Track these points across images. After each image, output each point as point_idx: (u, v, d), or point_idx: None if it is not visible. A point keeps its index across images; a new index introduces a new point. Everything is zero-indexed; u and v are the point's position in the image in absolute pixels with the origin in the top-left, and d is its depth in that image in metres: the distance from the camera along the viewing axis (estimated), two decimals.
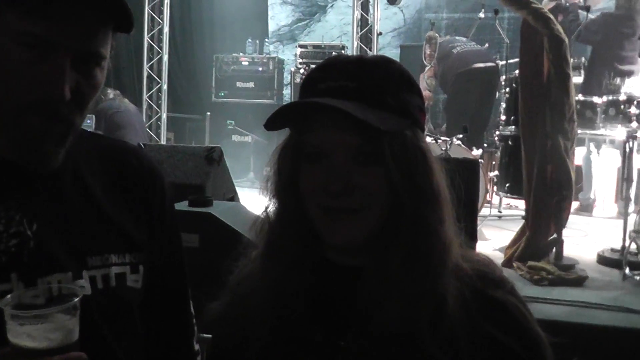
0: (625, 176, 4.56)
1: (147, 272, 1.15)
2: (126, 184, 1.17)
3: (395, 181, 0.97)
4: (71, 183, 1.09)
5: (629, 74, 5.48)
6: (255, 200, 1.40)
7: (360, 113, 0.93)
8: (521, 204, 5.38)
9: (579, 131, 4.55)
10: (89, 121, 7.81)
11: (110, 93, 7.56)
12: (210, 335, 1.16)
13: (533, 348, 1.01)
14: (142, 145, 3.65)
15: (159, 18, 9.37)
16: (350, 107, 0.94)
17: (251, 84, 9.85)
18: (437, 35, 7.30)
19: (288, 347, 1.02)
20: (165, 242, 1.20)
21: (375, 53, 8.84)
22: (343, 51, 9.41)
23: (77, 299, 0.89)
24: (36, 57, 0.96)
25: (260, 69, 9.93)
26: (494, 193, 6.25)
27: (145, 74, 9.52)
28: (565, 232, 4.39)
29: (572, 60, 4.40)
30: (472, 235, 3.19)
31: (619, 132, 4.88)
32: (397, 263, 0.98)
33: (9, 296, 0.89)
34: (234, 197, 3.70)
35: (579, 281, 4.03)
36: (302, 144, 1.02)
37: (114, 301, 1.08)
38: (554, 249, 4.30)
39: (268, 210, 1.10)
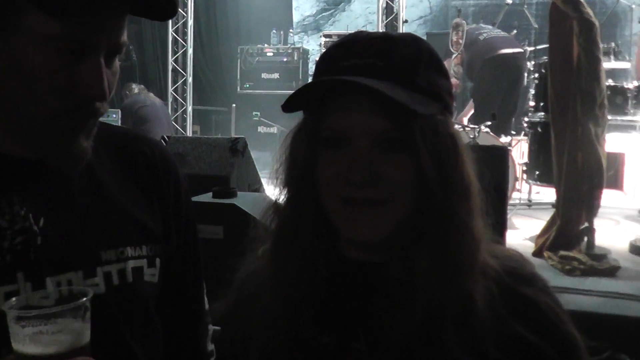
0: None
1: (164, 265, 1.09)
2: (138, 173, 1.10)
3: (425, 171, 0.88)
4: (80, 173, 1.02)
5: None
6: None
7: (393, 93, 0.84)
8: (551, 192, 5.29)
9: (609, 117, 4.44)
10: (114, 116, 7.90)
11: (135, 88, 7.61)
12: (219, 328, 1.12)
13: (568, 351, 0.92)
14: (166, 138, 3.63)
15: (183, 11, 9.38)
16: (382, 86, 0.84)
17: (276, 75, 9.84)
18: (464, 22, 7.19)
19: (296, 352, 0.94)
20: (181, 235, 1.14)
21: None
22: None
23: (85, 299, 0.82)
24: (70, 60, 0.89)
25: (285, 59, 9.92)
26: (524, 181, 6.15)
27: (170, 68, 9.56)
28: (596, 221, 4.30)
29: (602, 45, 4.28)
30: (502, 225, 3.13)
31: None
32: (423, 260, 0.89)
33: (14, 299, 0.82)
34: (259, 189, 3.68)
35: (612, 271, 3.95)
36: (320, 127, 0.93)
37: (132, 298, 1.03)
38: (585, 238, 4.22)
39: (278, 201, 1.00)
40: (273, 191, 1.02)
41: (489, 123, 5.76)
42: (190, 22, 9.49)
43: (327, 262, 0.96)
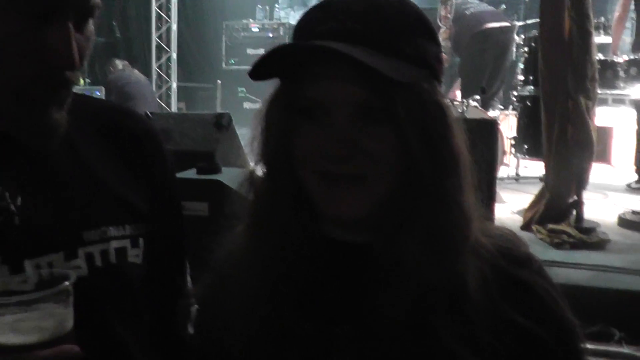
0: None
1: (148, 246, 1.03)
2: (123, 149, 1.04)
3: (410, 143, 0.81)
4: (60, 149, 0.95)
5: None
6: None
7: (370, 59, 0.77)
8: (538, 166, 5.28)
9: (599, 91, 4.42)
10: (97, 92, 7.80)
11: (119, 64, 7.53)
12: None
13: (565, 338, 0.86)
14: (149, 114, 3.56)
15: None
16: (357, 52, 0.77)
17: (262, 51, 9.51)
18: None
19: (276, 339, 0.87)
20: (166, 213, 1.08)
21: None
22: None
23: (68, 283, 0.76)
24: (35, 25, 0.83)
25: (271, 35, 9.82)
26: (512, 155, 6.14)
27: (154, 44, 9.43)
28: (585, 195, 4.29)
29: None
30: (491, 199, 3.10)
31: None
32: (411, 239, 0.83)
33: None
34: (244, 165, 3.62)
35: (601, 244, 3.96)
36: (296, 97, 0.85)
37: (115, 280, 0.97)
38: (574, 212, 4.21)
39: (254, 176, 0.92)
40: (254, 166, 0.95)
41: (478, 97, 5.72)
42: None
43: (308, 242, 0.89)
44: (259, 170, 0.92)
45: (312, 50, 0.81)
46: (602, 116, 6.08)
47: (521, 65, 5.64)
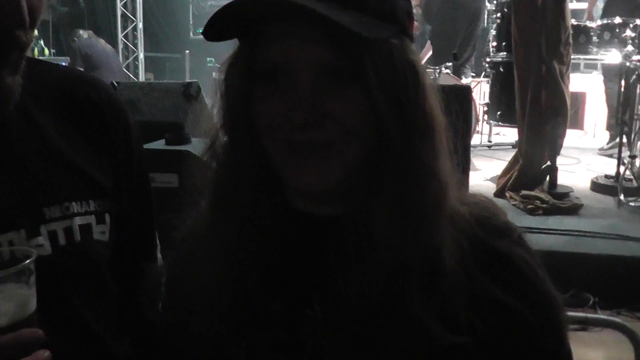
0: (621, 100, 4.43)
1: (115, 221, 0.97)
2: (84, 120, 0.98)
3: (379, 106, 0.75)
4: (18, 121, 0.90)
5: None
6: None
7: (335, 14, 0.69)
8: (511, 132, 5.29)
9: (573, 56, 4.41)
10: (63, 63, 7.61)
11: (85, 33, 7.37)
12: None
13: (545, 313, 0.81)
14: (116, 84, 3.45)
15: None
16: (320, 6, 0.69)
17: None
18: None
19: (243, 321, 0.81)
20: (133, 187, 1.03)
21: None
22: None
23: (29, 261, 0.71)
24: None
25: None
26: (484, 122, 6.15)
27: (119, 13, 9.21)
28: (558, 160, 4.29)
29: None
30: (465, 166, 3.08)
31: (613, 55, 4.74)
32: (384, 210, 0.77)
33: None
34: None
35: (574, 209, 3.98)
36: (255, 59, 0.77)
37: (80, 258, 0.91)
38: (547, 177, 4.21)
39: (216, 146, 0.84)
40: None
41: (450, 64, 5.69)
42: None
43: (275, 216, 0.83)
44: (218, 141, 0.84)
45: (271, 6, 0.73)
46: (574, 81, 6.11)
47: (493, 32, 5.60)
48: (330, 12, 0.69)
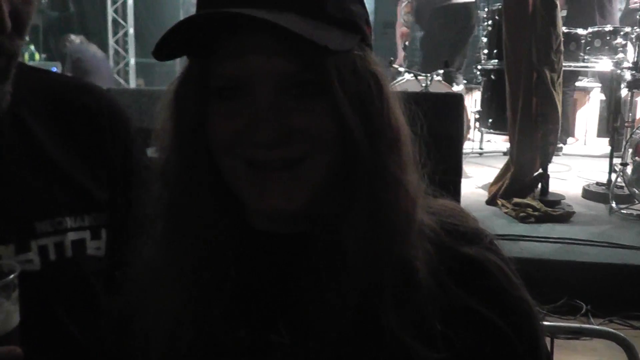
0: (612, 108, 4.44)
1: (111, 236, 0.95)
2: (80, 131, 0.95)
3: (347, 118, 0.71)
4: (10, 130, 0.87)
5: None
6: None
7: (294, 25, 0.66)
8: (499, 139, 5.30)
9: (564, 64, 4.42)
10: (54, 69, 7.56)
11: (76, 38, 7.34)
12: None
13: (519, 320, 0.78)
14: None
15: None
16: (280, 18, 0.67)
17: None
18: None
19: (207, 349, 0.77)
20: (132, 199, 0.99)
21: None
22: None
23: (12, 276, 0.69)
24: None
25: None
26: (476, 129, 6.16)
27: (110, 18, 9.18)
28: (549, 167, 4.29)
29: None
30: (457, 175, 3.07)
31: (604, 63, 4.76)
32: (354, 225, 0.73)
33: None
34: None
35: (566, 217, 3.98)
36: (211, 75, 0.74)
37: (71, 274, 0.89)
38: (539, 185, 4.21)
39: (166, 171, 0.79)
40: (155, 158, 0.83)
41: (442, 71, 5.69)
42: None
43: (235, 239, 0.79)
44: (168, 166, 0.80)
45: (227, 20, 0.69)
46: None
47: (485, 39, 5.60)
48: (295, 25, 0.67)
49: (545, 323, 2.66)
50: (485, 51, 5.45)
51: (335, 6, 0.73)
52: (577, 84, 6.53)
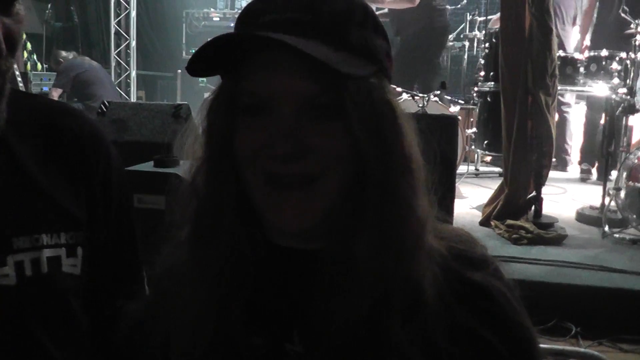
0: (606, 133, 4.48)
1: (88, 254, 0.97)
2: (63, 153, 0.98)
3: (361, 141, 0.77)
4: None
5: None
6: None
7: (318, 52, 0.72)
8: (498, 161, 5.31)
9: (559, 87, 4.46)
10: (46, 78, 7.62)
11: (69, 54, 7.35)
12: None
13: (518, 346, 0.82)
14: (107, 103, 3.46)
15: None
16: (304, 44, 0.72)
17: None
18: None
19: (224, 355, 0.82)
20: (112, 221, 1.03)
21: None
22: None
23: None
24: None
25: (232, 24, 9.55)
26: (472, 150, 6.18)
27: (113, 31, 9.23)
28: (543, 190, 4.32)
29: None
30: (451, 196, 3.09)
31: (600, 88, 4.80)
32: (364, 245, 0.78)
33: None
34: None
35: (559, 240, 3.99)
36: (239, 93, 0.79)
37: (46, 290, 0.91)
38: (532, 207, 4.24)
39: (196, 180, 0.85)
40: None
41: (438, 92, 5.72)
42: None
43: (255, 251, 0.83)
44: (199, 176, 0.85)
45: (258, 42, 0.75)
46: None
47: (482, 61, 5.65)
48: (317, 51, 0.72)
49: None
50: (482, 73, 5.50)
51: (357, 37, 0.79)
52: (577, 107, 6.58)
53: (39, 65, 8.89)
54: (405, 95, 5.54)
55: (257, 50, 0.77)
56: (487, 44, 5.44)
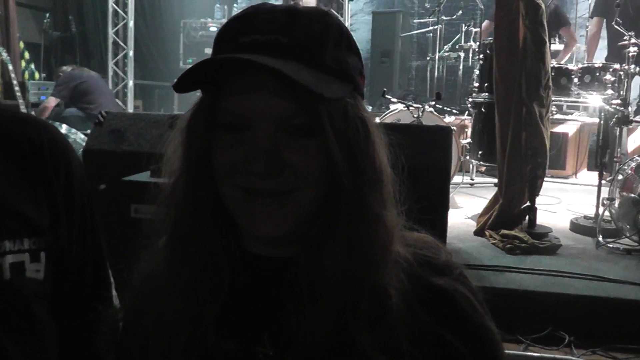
0: (600, 143, 4.51)
1: (52, 260, 0.99)
2: (22, 161, 1.00)
3: (335, 158, 0.81)
4: None
5: None
6: None
7: (298, 75, 0.76)
8: (493, 171, 5.33)
9: (554, 98, 4.50)
10: (44, 88, 7.63)
11: (67, 67, 7.41)
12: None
13: (481, 348, 0.86)
14: (104, 113, 3.48)
15: None
16: (283, 66, 0.76)
17: None
18: None
19: (197, 359, 0.85)
20: (74, 225, 1.05)
21: (347, 19, 8.68)
22: None
23: None
24: None
25: None
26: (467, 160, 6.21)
27: (110, 40, 9.26)
28: (537, 200, 4.34)
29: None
30: (445, 205, 3.11)
31: (594, 99, 4.83)
32: (334, 253, 0.82)
33: None
34: None
35: (553, 249, 4.00)
36: (218, 111, 0.83)
37: (9, 296, 0.93)
38: (527, 217, 4.26)
39: (175, 190, 0.88)
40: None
41: (433, 103, 5.77)
42: None
43: (230, 258, 0.87)
44: (177, 187, 0.88)
45: (237, 64, 0.79)
46: (556, 122, 6.21)
47: (477, 72, 5.69)
48: (294, 72, 0.76)
49: (510, 352, 2.69)
50: (477, 84, 5.53)
51: (333, 58, 0.83)
52: (570, 117, 6.62)
53: (37, 75, 8.91)
54: (400, 106, 5.58)
55: (238, 71, 0.80)
56: (481, 55, 5.49)
